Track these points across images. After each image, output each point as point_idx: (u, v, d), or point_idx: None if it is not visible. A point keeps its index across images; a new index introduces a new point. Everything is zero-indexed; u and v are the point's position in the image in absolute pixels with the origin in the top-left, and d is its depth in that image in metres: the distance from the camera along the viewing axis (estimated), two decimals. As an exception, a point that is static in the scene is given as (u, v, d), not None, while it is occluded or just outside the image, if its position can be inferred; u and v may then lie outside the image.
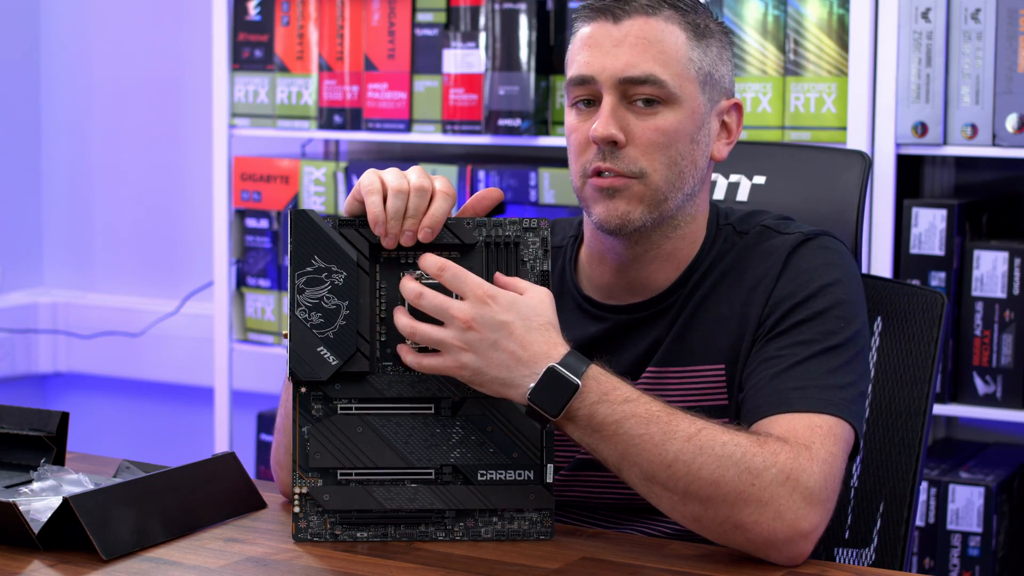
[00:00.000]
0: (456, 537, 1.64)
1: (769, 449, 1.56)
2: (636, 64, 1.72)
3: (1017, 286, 2.72)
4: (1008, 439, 3.02)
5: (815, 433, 1.61)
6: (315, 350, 1.63)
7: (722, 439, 1.56)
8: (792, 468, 1.56)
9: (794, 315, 1.72)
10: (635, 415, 1.56)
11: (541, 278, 1.67)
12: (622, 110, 1.74)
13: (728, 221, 1.83)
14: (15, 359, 3.95)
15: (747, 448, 1.56)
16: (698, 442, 1.55)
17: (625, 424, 1.55)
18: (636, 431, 1.55)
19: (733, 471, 1.54)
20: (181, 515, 1.66)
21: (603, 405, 1.56)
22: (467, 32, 3.08)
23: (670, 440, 1.55)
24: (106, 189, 3.96)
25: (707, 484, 1.55)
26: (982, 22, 2.68)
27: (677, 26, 1.74)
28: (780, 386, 1.66)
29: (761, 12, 2.83)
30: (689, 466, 1.55)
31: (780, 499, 1.55)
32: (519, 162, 3.23)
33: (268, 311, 3.38)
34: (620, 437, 1.56)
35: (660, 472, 1.55)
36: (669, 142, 1.73)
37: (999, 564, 2.78)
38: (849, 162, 2.07)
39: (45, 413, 1.83)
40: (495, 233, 1.67)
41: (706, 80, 1.76)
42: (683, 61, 1.74)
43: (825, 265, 1.76)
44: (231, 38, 3.33)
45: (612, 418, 1.55)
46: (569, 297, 1.84)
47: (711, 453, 1.55)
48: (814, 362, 1.67)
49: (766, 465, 1.55)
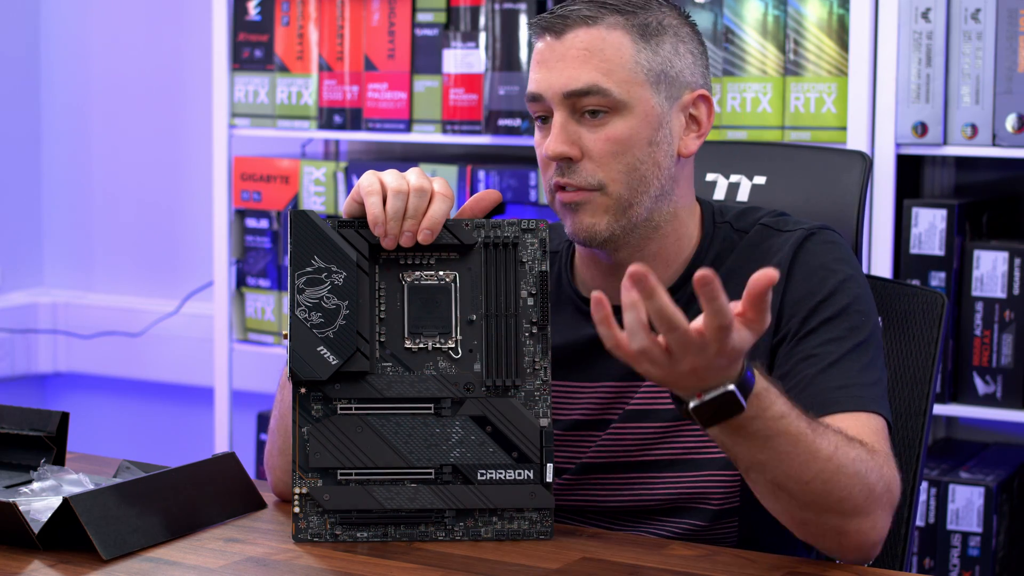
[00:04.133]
0: (456, 537, 1.64)
1: (877, 462, 1.59)
2: (577, 77, 1.71)
3: (1017, 286, 2.72)
4: (1008, 439, 3.02)
5: (879, 437, 1.64)
6: (315, 350, 1.63)
7: (852, 455, 1.56)
8: (890, 480, 1.60)
9: (820, 313, 1.72)
10: (785, 433, 1.52)
11: (539, 278, 1.67)
12: (573, 124, 1.72)
13: (725, 219, 1.83)
14: (15, 359, 3.95)
15: (867, 463, 1.57)
16: (836, 462, 1.55)
17: (773, 440, 1.52)
18: (783, 448, 1.53)
19: (859, 488, 1.56)
20: (181, 515, 1.66)
21: (759, 421, 1.51)
22: (467, 32, 3.08)
23: (812, 460, 1.54)
24: (106, 189, 3.96)
25: (835, 500, 1.56)
26: (982, 22, 2.68)
27: (621, 31, 1.72)
28: (825, 384, 1.67)
29: (761, 12, 2.83)
30: (825, 484, 1.55)
31: (880, 510, 1.59)
32: (519, 162, 3.23)
33: (268, 311, 3.38)
34: (766, 451, 1.53)
35: (794, 487, 1.55)
36: (623, 150, 1.72)
37: (999, 564, 2.78)
38: (849, 162, 2.07)
39: (45, 413, 1.83)
40: (494, 234, 1.67)
41: (659, 79, 1.73)
42: (628, 66, 1.71)
43: (835, 260, 1.76)
44: (231, 38, 3.33)
45: (763, 433, 1.51)
46: (567, 300, 1.83)
47: (845, 472, 1.55)
48: (848, 360, 1.69)
49: (877, 479, 1.58)
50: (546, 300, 1.67)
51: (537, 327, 1.67)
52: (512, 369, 1.65)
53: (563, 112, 1.72)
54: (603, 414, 1.79)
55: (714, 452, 1.75)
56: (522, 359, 1.66)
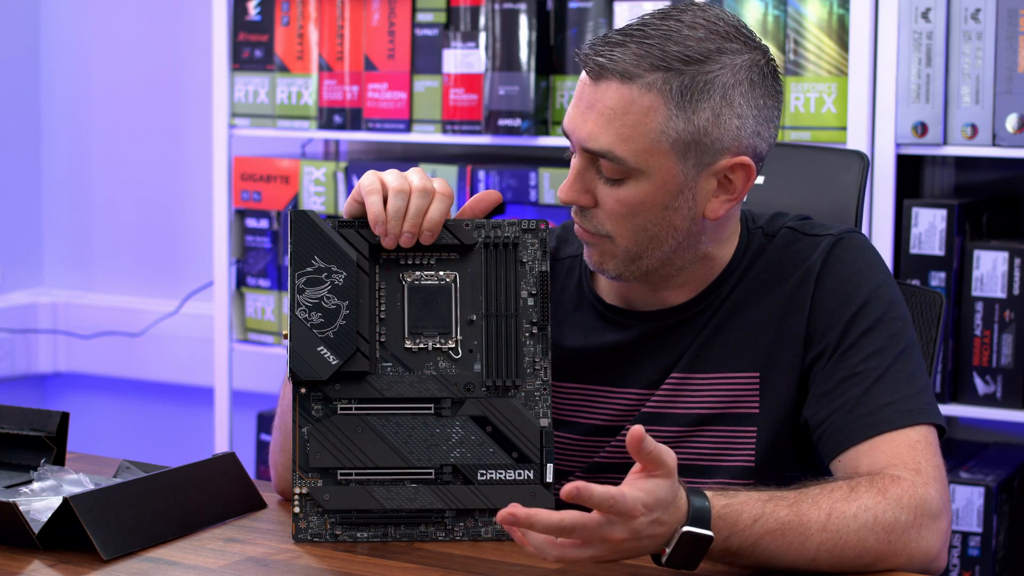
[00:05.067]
0: (456, 537, 1.64)
1: (892, 497, 1.56)
2: (597, 137, 1.65)
3: (1017, 286, 2.72)
4: (1008, 439, 3.02)
5: (918, 451, 1.62)
6: (315, 349, 1.63)
7: (851, 511, 1.54)
8: (916, 504, 1.56)
9: (857, 325, 1.69)
10: (768, 532, 1.51)
11: (539, 279, 1.67)
12: (591, 173, 1.68)
13: (758, 225, 1.79)
14: (15, 359, 3.95)
15: (875, 508, 1.55)
16: (833, 528, 1.53)
17: (761, 544, 1.51)
18: (773, 546, 1.52)
19: (872, 537, 1.54)
20: (181, 515, 1.66)
21: (735, 536, 1.50)
22: (467, 32, 3.08)
23: (807, 539, 1.53)
24: (106, 189, 3.96)
25: (853, 558, 1.54)
26: (982, 22, 2.68)
27: (656, 93, 1.63)
28: (871, 405, 1.65)
29: (761, 12, 2.83)
30: (832, 552, 1.53)
31: (914, 542, 1.56)
32: (519, 162, 3.23)
33: (268, 311, 3.38)
34: (759, 556, 1.52)
35: (805, 565, 1.54)
36: (634, 212, 1.67)
37: (999, 564, 2.78)
38: (848, 162, 2.07)
39: (45, 413, 1.83)
40: (494, 234, 1.67)
41: (688, 147, 1.64)
42: (652, 135, 1.63)
43: (867, 267, 1.73)
44: (231, 38, 3.33)
45: (747, 543, 1.51)
46: (589, 306, 1.81)
47: (848, 531, 1.54)
48: (892, 373, 1.67)
49: (896, 516, 1.55)
50: (546, 300, 1.67)
51: (537, 327, 1.67)
52: (512, 369, 1.65)
53: (583, 160, 1.68)
54: (623, 419, 1.78)
55: (728, 460, 1.74)
56: (522, 359, 1.66)
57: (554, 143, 3.03)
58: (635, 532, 1.44)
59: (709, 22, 1.66)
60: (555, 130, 3.04)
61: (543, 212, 3.05)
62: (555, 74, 3.04)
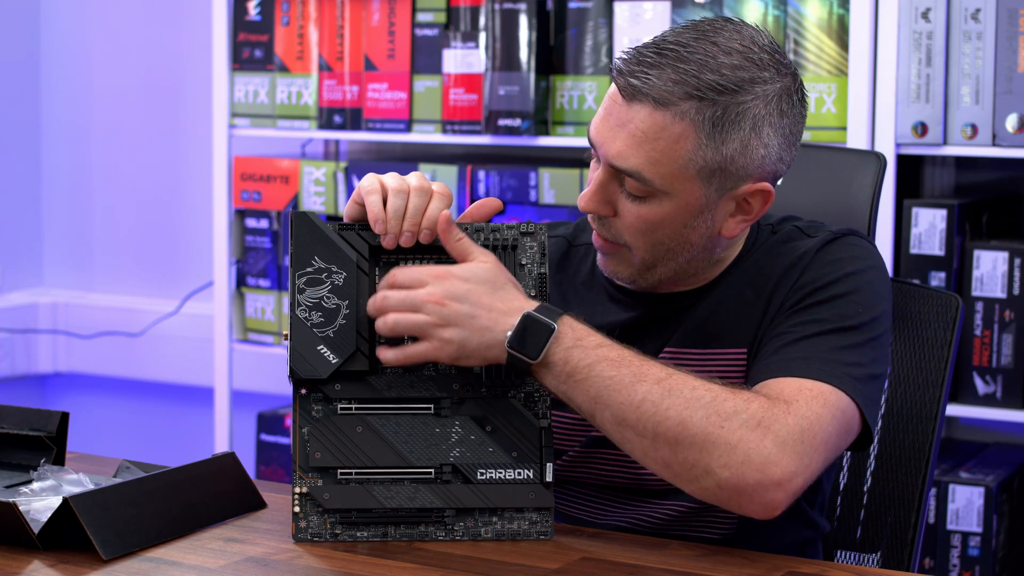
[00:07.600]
0: (456, 537, 1.64)
1: (742, 397, 1.58)
2: (626, 157, 1.67)
3: (1017, 286, 2.72)
4: (1008, 439, 3.02)
5: (801, 394, 1.60)
6: (315, 349, 1.63)
7: (692, 383, 1.58)
8: (763, 416, 1.56)
9: (813, 296, 1.72)
10: (607, 359, 1.58)
11: (539, 280, 1.67)
12: (614, 186, 1.71)
13: (768, 222, 1.83)
14: (15, 359, 3.95)
15: (717, 393, 1.57)
16: (668, 385, 1.57)
17: (597, 367, 1.58)
18: (607, 373, 1.58)
19: (701, 413, 1.56)
20: (181, 515, 1.66)
21: (577, 350, 1.58)
22: (467, 32, 3.08)
23: (640, 382, 1.57)
24: (106, 189, 3.96)
25: (674, 425, 1.56)
26: (982, 22, 2.68)
27: (689, 122, 1.65)
28: (785, 356, 1.66)
29: (761, 12, 2.83)
30: (657, 406, 1.56)
31: (749, 443, 1.55)
32: (519, 162, 3.23)
33: (268, 311, 3.38)
34: (592, 380, 1.58)
35: (630, 414, 1.57)
36: (653, 228, 1.71)
37: (999, 564, 2.78)
38: (865, 163, 2.03)
39: (45, 413, 1.83)
40: (493, 237, 1.68)
41: (713, 174, 1.68)
42: (680, 161, 1.66)
43: (851, 258, 1.76)
44: (231, 38, 3.33)
45: (585, 362, 1.58)
46: (600, 288, 1.84)
47: (679, 395, 1.57)
48: (824, 338, 1.67)
49: (736, 410, 1.56)
50: (546, 301, 1.67)
51: (537, 327, 1.67)
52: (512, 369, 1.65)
53: (607, 173, 1.71)
54: None
55: None
56: (522, 359, 1.66)
57: (554, 143, 3.03)
58: (450, 293, 1.58)
59: (744, 47, 1.69)
60: (555, 130, 3.04)
61: (543, 212, 3.05)
62: (555, 74, 3.04)
